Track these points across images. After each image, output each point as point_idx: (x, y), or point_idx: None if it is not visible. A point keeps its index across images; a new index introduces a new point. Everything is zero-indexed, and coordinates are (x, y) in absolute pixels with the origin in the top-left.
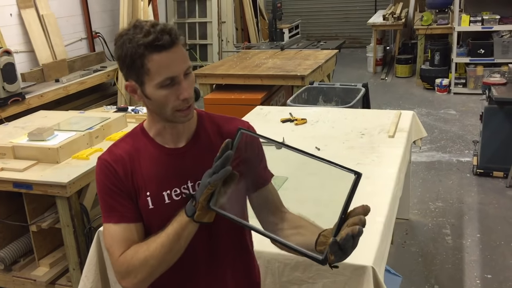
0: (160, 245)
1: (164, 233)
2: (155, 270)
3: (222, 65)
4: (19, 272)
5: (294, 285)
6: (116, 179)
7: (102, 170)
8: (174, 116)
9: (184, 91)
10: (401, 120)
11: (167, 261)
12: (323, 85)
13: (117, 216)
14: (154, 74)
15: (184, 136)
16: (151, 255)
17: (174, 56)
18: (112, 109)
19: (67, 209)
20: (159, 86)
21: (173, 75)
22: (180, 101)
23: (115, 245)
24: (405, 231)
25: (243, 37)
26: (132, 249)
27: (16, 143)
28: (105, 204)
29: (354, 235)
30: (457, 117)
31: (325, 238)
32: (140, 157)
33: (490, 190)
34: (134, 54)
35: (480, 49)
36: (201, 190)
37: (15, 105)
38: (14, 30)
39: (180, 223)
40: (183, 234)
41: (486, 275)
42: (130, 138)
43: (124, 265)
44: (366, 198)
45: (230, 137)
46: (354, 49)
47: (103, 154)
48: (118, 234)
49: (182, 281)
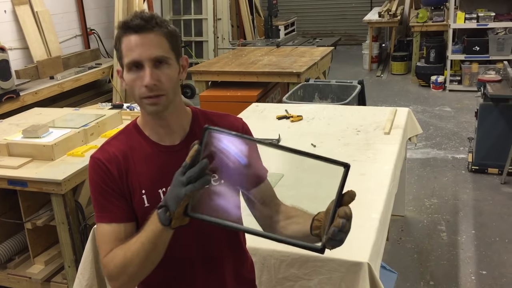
0: (136, 253)
1: (138, 241)
2: (136, 275)
3: (218, 62)
4: (14, 270)
5: (290, 282)
6: (109, 179)
7: (95, 169)
8: (141, 104)
9: (146, 78)
10: (397, 117)
11: (146, 266)
12: (318, 82)
13: (108, 216)
14: (124, 56)
15: (178, 133)
16: (130, 263)
17: (143, 41)
18: (107, 106)
19: (62, 206)
20: (128, 69)
21: (138, 58)
22: (144, 88)
23: (104, 245)
24: (400, 227)
25: (238, 34)
26: (112, 253)
27: (11, 140)
28: (97, 203)
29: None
30: (452, 114)
31: (318, 222)
32: (134, 155)
33: (485, 187)
34: (117, 37)
35: (475, 46)
36: (176, 201)
37: (10, 102)
38: (8, 27)
39: (153, 232)
40: (159, 242)
41: (481, 271)
42: (124, 135)
43: (105, 268)
44: (362, 195)
45: None
46: (349, 46)
47: (96, 153)
48: (108, 234)
49: (176, 279)
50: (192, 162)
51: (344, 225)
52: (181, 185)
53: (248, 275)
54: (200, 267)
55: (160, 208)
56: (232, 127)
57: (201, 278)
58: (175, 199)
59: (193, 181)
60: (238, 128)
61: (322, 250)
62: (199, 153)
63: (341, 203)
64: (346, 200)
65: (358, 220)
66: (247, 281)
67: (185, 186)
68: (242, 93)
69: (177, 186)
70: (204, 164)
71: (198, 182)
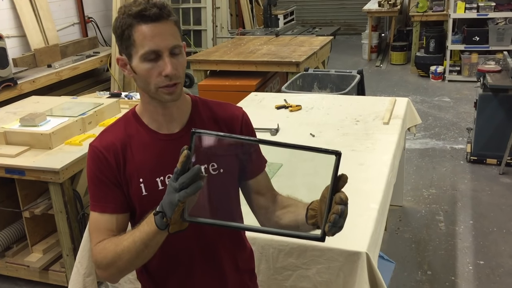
0: (126, 250)
1: (131, 239)
2: (124, 269)
3: (216, 51)
4: (12, 258)
5: (288, 271)
6: (106, 168)
7: (93, 158)
8: (157, 93)
9: (167, 67)
10: (396, 107)
11: (136, 263)
12: (318, 72)
13: (101, 206)
14: (139, 45)
15: (178, 121)
16: (119, 258)
17: (161, 30)
18: (105, 95)
19: (60, 195)
20: (143, 58)
21: (157, 48)
22: (162, 78)
23: (95, 234)
24: (398, 217)
25: (237, 23)
26: (103, 244)
27: (8, 129)
28: (92, 192)
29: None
30: (451, 105)
31: (313, 211)
32: (133, 143)
33: (483, 177)
34: (124, 24)
35: (475, 37)
36: (170, 208)
37: (7, 90)
38: (6, 15)
39: (147, 233)
40: (152, 243)
41: (478, 261)
42: (122, 123)
43: (94, 257)
44: (361, 185)
45: (225, 122)
46: (349, 36)
47: (95, 141)
48: (100, 223)
49: (174, 268)
50: (183, 168)
51: (343, 210)
52: (174, 191)
53: (247, 265)
54: (199, 256)
55: (157, 213)
56: (232, 117)
57: (200, 267)
58: (170, 206)
59: (186, 187)
60: (238, 117)
61: (323, 238)
62: (189, 158)
63: (336, 189)
64: (340, 185)
65: (357, 210)
66: (247, 270)
67: (178, 192)
68: (241, 82)
69: (170, 193)
70: (196, 170)
71: (191, 188)
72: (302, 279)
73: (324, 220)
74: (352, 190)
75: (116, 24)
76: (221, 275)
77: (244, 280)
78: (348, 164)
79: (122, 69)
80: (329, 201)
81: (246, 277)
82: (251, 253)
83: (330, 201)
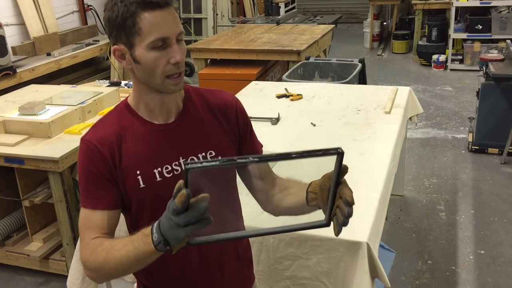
0: (118, 261)
1: (124, 251)
2: (113, 275)
3: (217, 40)
4: (13, 247)
5: (288, 261)
6: (100, 162)
7: (86, 152)
8: (163, 84)
9: (176, 54)
10: (398, 96)
11: (125, 273)
12: (319, 61)
13: (93, 202)
14: (146, 33)
15: (173, 111)
16: (108, 265)
17: (168, 16)
18: (105, 84)
19: (60, 184)
20: (150, 47)
21: (166, 35)
22: (171, 66)
23: (85, 231)
24: (399, 207)
25: (238, 11)
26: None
27: (7, 118)
28: (83, 187)
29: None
30: (453, 94)
31: (314, 194)
32: (128, 136)
33: (484, 167)
34: (126, 12)
35: (478, 25)
36: (177, 241)
37: (6, 79)
38: (4, 2)
39: (144, 253)
40: (145, 260)
41: (479, 251)
42: (115, 115)
43: (84, 257)
44: (362, 174)
45: (220, 109)
46: (350, 25)
47: (87, 135)
48: (91, 220)
49: (170, 257)
50: (183, 207)
51: (350, 212)
52: (177, 226)
53: (246, 254)
54: (196, 252)
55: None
56: (226, 103)
57: (197, 257)
58: (175, 239)
59: (194, 223)
60: (232, 104)
61: (328, 223)
62: (189, 197)
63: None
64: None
65: (358, 200)
66: (245, 260)
67: (184, 227)
68: (242, 71)
69: (174, 228)
70: (204, 208)
71: (199, 224)
72: (302, 269)
73: (328, 210)
74: (353, 179)
75: (113, 14)
76: (220, 266)
77: (242, 269)
78: (349, 154)
79: (119, 60)
80: (332, 194)
81: (245, 267)
82: (248, 242)
83: (334, 194)
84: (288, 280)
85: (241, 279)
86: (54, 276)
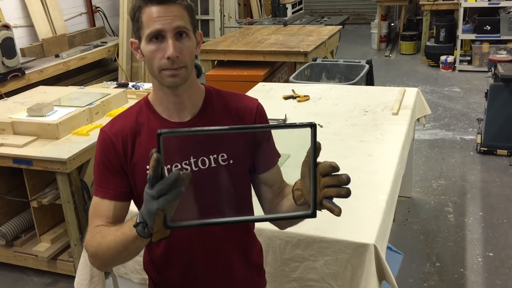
0: (107, 246)
1: (113, 237)
2: (106, 263)
3: (224, 41)
4: (21, 248)
5: (295, 263)
6: (112, 155)
7: (101, 143)
8: (161, 76)
9: (169, 49)
10: (405, 97)
11: (116, 261)
12: (326, 62)
13: (102, 191)
14: (145, 26)
15: (189, 110)
16: (100, 251)
17: (166, 11)
18: (112, 85)
19: (68, 185)
20: (148, 39)
21: (160, 28)
22: (165, 60)
23: (92, 217)
24: (407, 209)
25: (245, 13)
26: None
27: (16, 119)
28: (96, 177)
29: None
30: (461, 95)
31: (299, 191)
32: (142, 131)
33: (493, 168)
34: (135, 7)
35: (486, 26)
36: (150, 217)
37: (15, 80)
38: (13, 4)
39: (128, 237)
40: (130, 248)
41: (488, 253)
42: (135, 110)
43: (85, 241)
44: (369, 176)
45: (238, 114)
46: (358, 26)
47: (106, 126)
48: (99, 208)
49: (176, 257)
50: (155, 173)
51: (342, 179)
52: (151, 199)
53: (257, 260)
54: (201, 250)
55: (137, 225)
56: (246, 108)
57: (202, 261)
58: (149, 215)
59: (164, 193)
60: (252, 109)
61: (313, 214)
62: (159, 162)
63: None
64: (318, 152)
65: (365, 201)
66: (255, 265)
67: (157, 199)
68: (249, 72)
69: (148, 201)
70: (175, 175)
71: (170, 194)
72: (309, 271)
73: (312, 195)
74: (361, 181)
75: (131, 7)
76: (227, 270)
77: (252, 275)
78: (357, 155)
79: (135, 52)
80: (313, 175)
81: (254, 272)
82: (260, 249)
83: (315, 174)
84: (295, 282)
85: (250, 285)
86: (62, 276)
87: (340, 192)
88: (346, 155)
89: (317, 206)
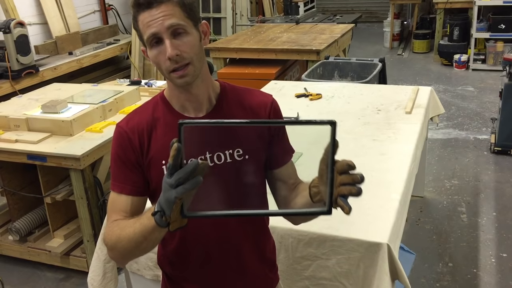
0: (126, 238)
1: (132, 228)
2: (126, 255)
3: (236, 39)
4: (34, 243)
5: (307, 261)
6: (129, 149)
7: (117, 138)
8: (171, 78)
9: (168, 50)
10: (419, 96)
11: (135, 252)
12: (338, 60)
13: (120, 186)
14: (143, 33)
15: (204, 105)
16: (120, 244)
17: (156, 13)
18: (125, 83)
19: (81, 181)
20: (149, 45)
21: (154, 31)
22: (168, 62)
23: (110, 212)
24: (419, 208)
25: (257, 11)
26: (113, 225)
27: (30, 115)
28: (113, 172)
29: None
30: (475, 94)
31: (316, 188)
32: (158, 126)
33: (507, 168)
34: (133, 17)
35: (501, 24)
36: (168, 206)
37: (29, 77)
38: (27, 2)
39: (147, 228)
40: (149, 238)
41: (501, 254)
42: (151, 106)
43: (104, 235)
44: (382, 175)
45: (252, 110)
46: (370, 24)
47: (122, 121)
48: (116, 203)
49: (190, 253)
50: (175, 162)
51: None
52: (170, 187)
53: (269, 256)
54: (215, 245)
55: (155, 213)
56: (260, 104)
57: (216, 257)
58: (167, 203)
59: (183, 182)
60: (266, 104)
61: (329, 211)
62: (180, 151)
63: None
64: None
65: (378, 201)
66: (269, 261)
67: (175, 188)
68: (261, 70)
69: (167, 190)
70: (194, 164)
71: (189, 183)
72: (322, 269)
73: (329, 193)
74: (374, 180)
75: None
76: (241, 265)
77: (265, 271)
78: (370, 154)
79: (147, 58)
80: (330, 173)
81: (267, 268)
82: (274, 245)
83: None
84: (307, 280)
85: (263, 281)
86: (75, 272)
87: (352, 191)
88: (359, 154)
89: (332, 204)
